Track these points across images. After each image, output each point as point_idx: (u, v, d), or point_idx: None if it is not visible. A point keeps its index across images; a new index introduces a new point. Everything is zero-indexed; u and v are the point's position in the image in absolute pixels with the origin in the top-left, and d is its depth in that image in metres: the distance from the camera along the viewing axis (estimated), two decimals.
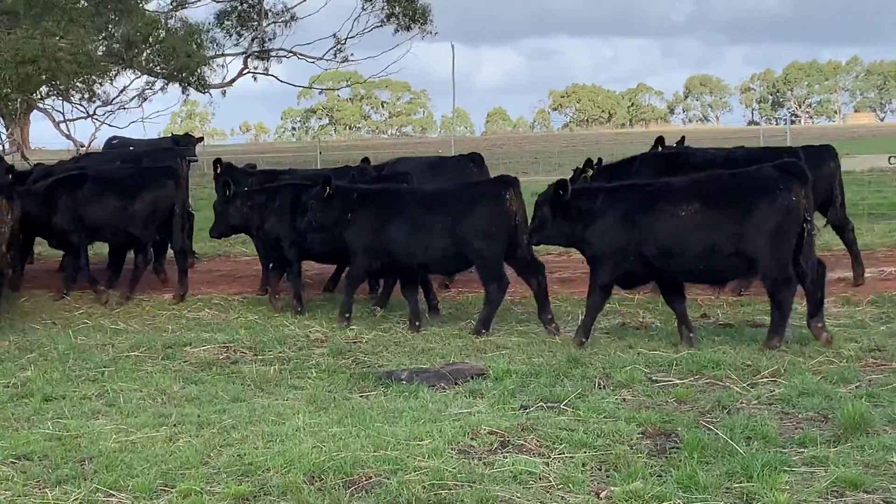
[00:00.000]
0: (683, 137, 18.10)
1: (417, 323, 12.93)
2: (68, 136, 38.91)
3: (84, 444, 8.54)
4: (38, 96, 41.11)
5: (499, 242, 12.60)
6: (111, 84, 41.88)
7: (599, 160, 16.07)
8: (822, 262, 11.56)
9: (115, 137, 32.55)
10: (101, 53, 34.67)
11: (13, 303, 15.47)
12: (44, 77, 32.36)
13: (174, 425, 9.00)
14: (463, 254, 12.81)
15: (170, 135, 33.55)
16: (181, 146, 29.79)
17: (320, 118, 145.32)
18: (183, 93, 37.94)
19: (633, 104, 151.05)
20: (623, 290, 12.83)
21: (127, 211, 15.52)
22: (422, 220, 12.90)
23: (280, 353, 11.81)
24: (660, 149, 16.24)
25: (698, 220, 11.18)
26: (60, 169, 18.18)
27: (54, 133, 40.81)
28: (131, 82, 41.25)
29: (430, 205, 13.04)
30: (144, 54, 35.15)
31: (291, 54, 38.34)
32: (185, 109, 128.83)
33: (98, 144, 38.60)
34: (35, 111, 41.53)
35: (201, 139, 31.70)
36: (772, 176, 11.17)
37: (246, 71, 38.90)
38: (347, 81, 77.02)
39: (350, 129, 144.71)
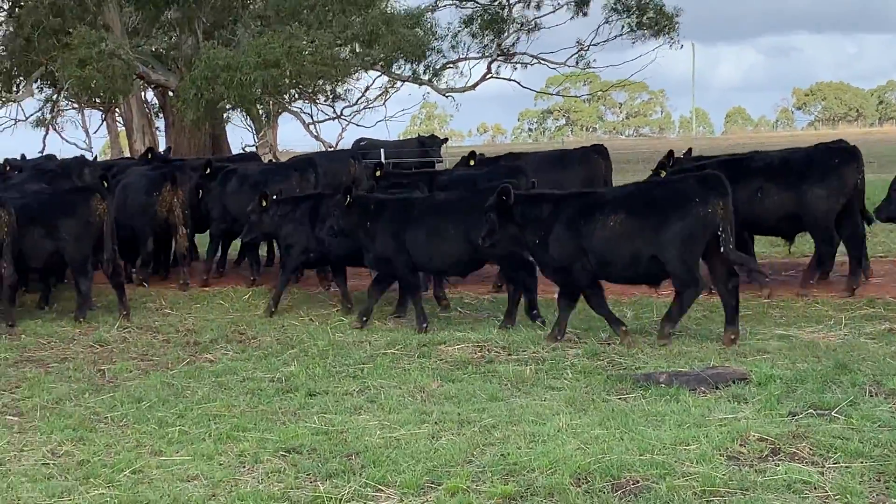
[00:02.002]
0: (690, 150, 18.63)
1: (425, 325, 13.29)
2: (317, 137, 40.00)
3: (350, 438, 8.70)
4: (287, 99, 42.43)
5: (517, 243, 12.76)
6: (354, 85, 42.96)
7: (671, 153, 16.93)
8: (736, 272, 11.97)
9: (363, 139, 33.33)
10: (343, 56, 35.51)
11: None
12: (287, 81, 33.32)
13: (435, 423, 9.07)
14: (476, 257, 13.32)
15: (416, 135, 34.18)
16: (426, 147, 30.43)
17: (557, 119, 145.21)
18: (416, 82, 38.39)
19: (881, 102, 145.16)
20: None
21: None
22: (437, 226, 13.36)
23: (534, 352, 11.74)
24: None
25: (624, 229, 11.76)
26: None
27: (303, 134, 42.05)
28: (373, 81, 42.13)
29: (445, 212, 13.47)
30: (381, 52, 35.79)
31: (535, 60, 38.36)
32: (424, 111, 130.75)
33: (345, 144, 39.67)
34: (285, 113, 42.85)
35: (446, 140, 32.20)
36: (691, 188, 11.71)
37: (489, 75, 39.16)
38: (585, 82, 76.66)
39: (586, 129, 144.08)
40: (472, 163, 19.02)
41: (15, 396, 10.73)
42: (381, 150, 30.44)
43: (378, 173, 17.14)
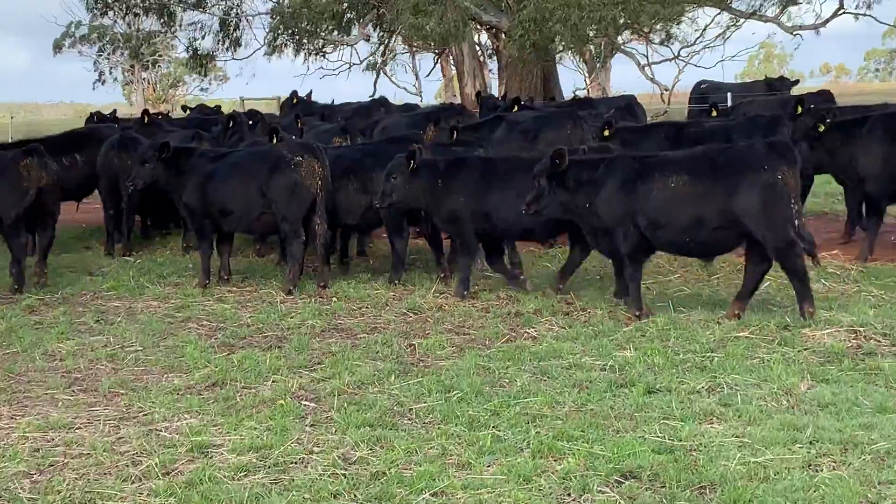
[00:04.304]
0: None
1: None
2: (651, 80, 38.05)
3: (702, 461, 6.92)
4: (622, 40, 40.55)
5: None
6: (691, 25, 40.71)
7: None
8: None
9: (703, 81, 31.06)
10: None
11: None
12: (621, 20, 31.88)
13: (810, 443, 7.18)
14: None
15: (763, 77, 31.52)
16: (775, 90, 27.81)
17: None
18: (760, 19, 35.72)
19: None
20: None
21: None
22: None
23: None
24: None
25: (686, 194, 10.89)
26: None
27: (636, 77, 40.58)
28: (712, 19, 39.75)
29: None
30: None
31: None
32: (762, 52, 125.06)
33: (682, 87, 37.49)
34: (619, 55, 41.08)
35: (797, 82, 29.42)
36: (760, 153, 10.79)
37: (841, 10, 35.84)
38: None
39: None
40: (714, 113, 17.83)
41: (315, 376, 9.48)
42: (728, 94, 27.99)
43: (606, 133, 15.20)
